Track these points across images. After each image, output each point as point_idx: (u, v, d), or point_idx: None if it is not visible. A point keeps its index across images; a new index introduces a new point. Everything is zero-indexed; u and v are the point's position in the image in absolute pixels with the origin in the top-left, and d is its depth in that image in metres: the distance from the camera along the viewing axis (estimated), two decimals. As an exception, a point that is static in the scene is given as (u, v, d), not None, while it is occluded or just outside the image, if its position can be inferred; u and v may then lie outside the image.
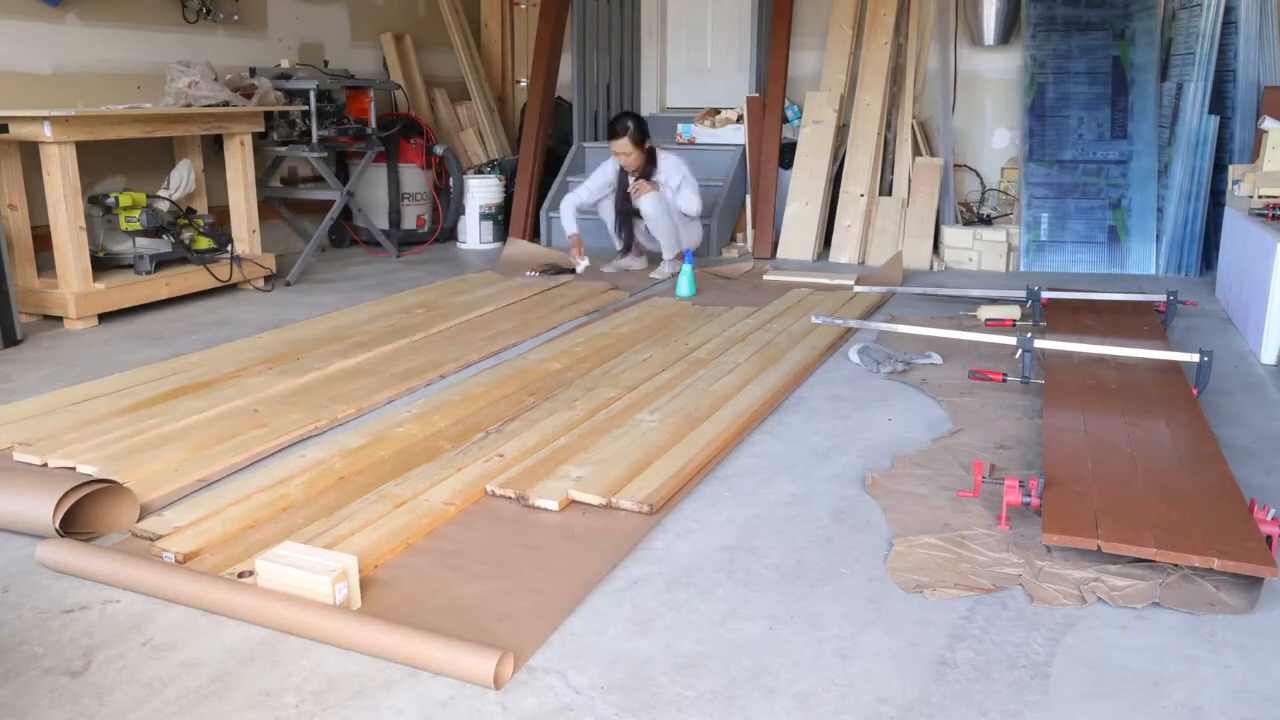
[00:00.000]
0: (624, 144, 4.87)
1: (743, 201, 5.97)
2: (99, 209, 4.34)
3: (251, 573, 1.95)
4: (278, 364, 3.43)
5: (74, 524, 2.17)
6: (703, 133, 6.21)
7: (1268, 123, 4.43)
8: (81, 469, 2.48)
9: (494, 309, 4.31)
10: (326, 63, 5.92)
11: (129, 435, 2.72)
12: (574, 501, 2.34)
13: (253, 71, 5.23)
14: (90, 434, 2.73)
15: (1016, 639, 1.78)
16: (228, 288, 4.73)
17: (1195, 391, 2.96)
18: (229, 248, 4.73)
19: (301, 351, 3.59)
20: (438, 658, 1.66)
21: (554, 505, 2.30)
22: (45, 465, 2.53)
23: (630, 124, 4.86)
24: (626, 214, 5.15)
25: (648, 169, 4.98)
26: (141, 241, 4.44)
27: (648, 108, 7.05)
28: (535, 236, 6.25)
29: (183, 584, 1.90)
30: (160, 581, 1.91)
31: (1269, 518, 2.00)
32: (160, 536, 2.13)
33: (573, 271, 5.01)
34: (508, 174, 6.35)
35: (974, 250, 5.37)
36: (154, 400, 3.04)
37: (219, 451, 2.62)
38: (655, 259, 5.27)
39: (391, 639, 1.71)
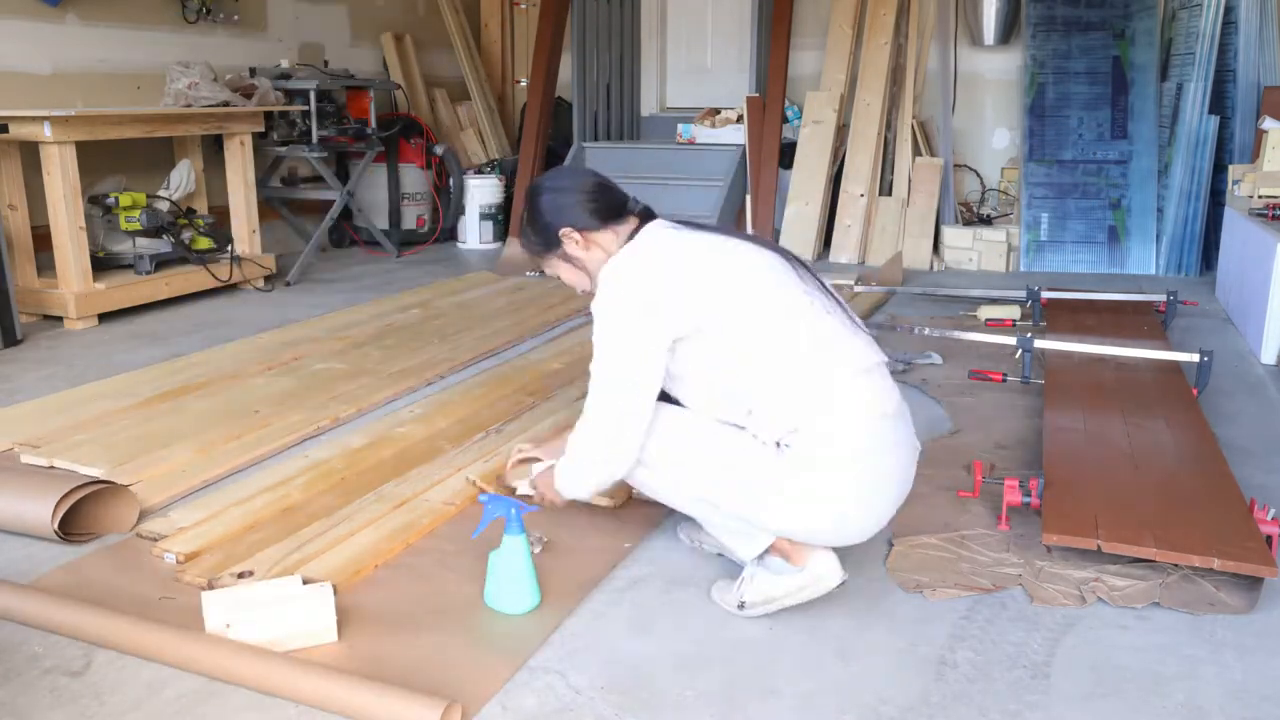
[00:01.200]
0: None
1: (743, 201, 5.97)
2: (99, 209, 4.34)
3: (251, 573, 1.96)
4: (278, 364, 3.43)
5: (74, 525, 2.17)
6: (703, 133, 6.20)
7: (1268, 123, 4.43)
8: (87, 471, 2.47)
9: (491, 309, 4.31)
10: (326, 63, 5.92)
11: (134, 437, 2.72)
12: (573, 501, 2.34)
13: (253, 71, 5.23)
14: (95, 435, 2.73)
15: (1016, 639, 1.78)
16: (228, 288, 4.72)
17: (1195, 391, 2.96)
18: (229, 248, 4.73)
19: (301, 352, 3.59)
20: (377, 713, 1.54)
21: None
22: (52, 467, 2.53)
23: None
24: None
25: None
26: (141, 241, 4.44)
27: (648, 108, 7.05)
28: (535, 236, 6.24)
29: (127, 628, 1.75)
30: (101, 624, 1.76)
31: (1269, 518, 2.00)
32: (163, 537, 2.13)
33: None
34: (508, 174, 6.35)
35: (974, 250, 5.37)
36: (155, 400, 3.04)
37: (224, 452, 2.62)
38: None
39: (333, 690, 1.58)
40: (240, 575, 1.95)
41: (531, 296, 4.56)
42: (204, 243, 4.64)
